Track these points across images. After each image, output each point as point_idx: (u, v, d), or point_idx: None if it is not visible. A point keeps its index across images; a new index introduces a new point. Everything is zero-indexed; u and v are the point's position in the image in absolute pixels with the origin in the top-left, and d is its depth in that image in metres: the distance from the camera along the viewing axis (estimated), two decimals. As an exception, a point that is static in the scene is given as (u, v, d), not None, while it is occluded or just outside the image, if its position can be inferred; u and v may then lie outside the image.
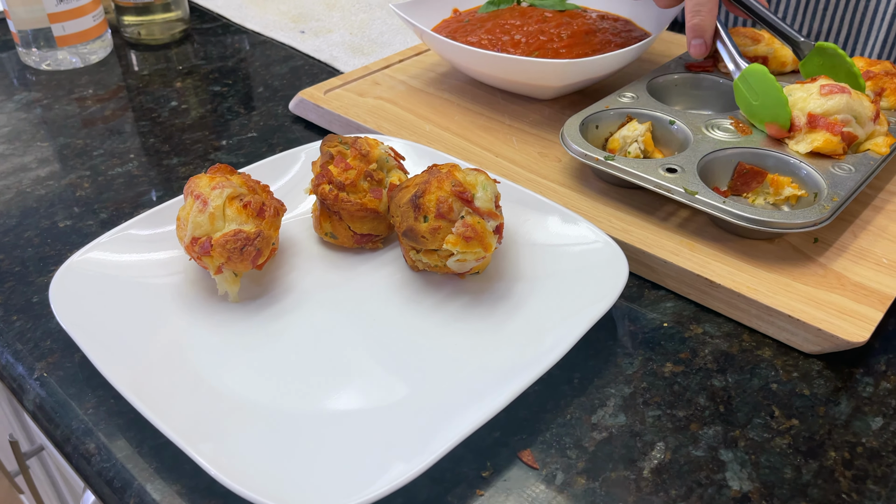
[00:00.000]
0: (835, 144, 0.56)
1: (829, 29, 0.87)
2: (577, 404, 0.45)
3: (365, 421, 0.43)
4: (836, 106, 0.56)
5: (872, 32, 0.85)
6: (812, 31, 0.89)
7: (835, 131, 0.56)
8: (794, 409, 0.45)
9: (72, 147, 0.71)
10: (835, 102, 0.56)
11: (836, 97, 0.57)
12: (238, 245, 0.48)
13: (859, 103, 0.57)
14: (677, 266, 0.52)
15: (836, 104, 0.56)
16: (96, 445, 0.43)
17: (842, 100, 0.57)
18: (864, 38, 0.86)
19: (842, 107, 0.56)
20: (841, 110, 0.56)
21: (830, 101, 0.56)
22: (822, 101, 0.57)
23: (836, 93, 0.57)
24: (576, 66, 0.65)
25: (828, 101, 0.56)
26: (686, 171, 0.55)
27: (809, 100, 0.58)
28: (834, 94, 0.57)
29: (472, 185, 0.51)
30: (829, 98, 0.57)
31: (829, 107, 0.56)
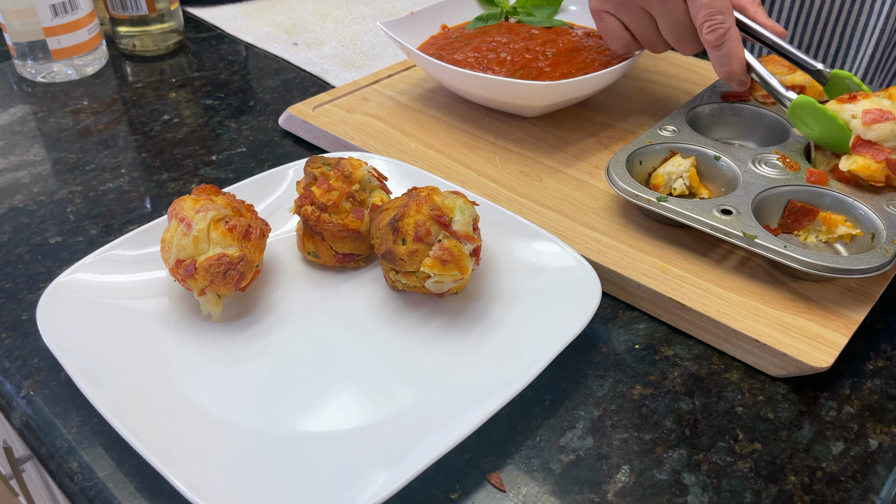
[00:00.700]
0: (873, 171, 0.55)
1: (820, 42, 0.88)
2: (546, 426, 0.46)
3: (342, 441, 0.44)
4: (883, 133, 0.55)
5: (862, 46, 0.86)
6: (802, 44, 0.90)
7: (878, 158, 0.55)
8: (758, 432, 0.46)
9: (65, 162, 0.73)
10: (881, 130, 0.55)
11: (880, 125, 0.55)
12: (221, 269, 0.49)
13: None
14: (650, 289, 0.53)
15: (883, 132, 0.55)
16: (79, 464, 0.44)
17: (886, 127, 0.55)
18: (854, 52, 0.87)
19: (887, 134, 0.55)
20: (886, 138, 0.55)
21: (875, 130, 0.55)
22: (865, 130, 0.56)
23: (880, 121, 0.55)
24: (557, 88, 0.66)
25: (872, 131, 0.55)
26: (742, 212, 0.54)
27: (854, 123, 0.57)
28: (878, 122, 0.55)
29: (451, 208, 0.52)
30: (874, 127, 0.55)
31: (875, 135, 0.55)
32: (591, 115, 0.76)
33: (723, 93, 0.70)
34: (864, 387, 0.49)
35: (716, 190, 0.62)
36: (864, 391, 0.49)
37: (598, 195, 0.63)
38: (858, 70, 0.87)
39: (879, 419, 0.47)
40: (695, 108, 0.68)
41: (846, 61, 0.88)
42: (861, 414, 0.47)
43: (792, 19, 0.89)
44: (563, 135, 0.72)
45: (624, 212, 0.61)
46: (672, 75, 0.83)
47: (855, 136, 0.56)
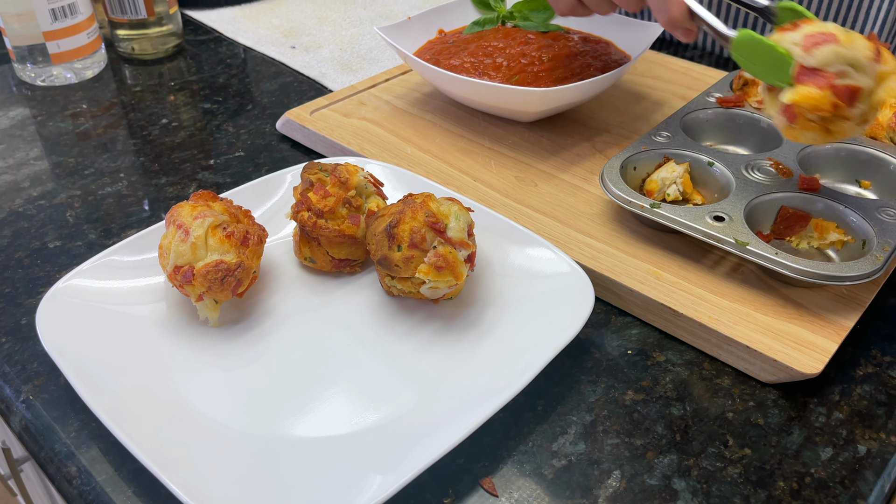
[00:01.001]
0: (817, 99, 0.49)
1: None
2: (539, 432, 0.47)
3: (336, 446, 0.45)
4: (826, 57, 0.49)
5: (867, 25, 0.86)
6: None
7: (821, 85, 0.49)
8: (748, 438, 0.47)
9: (64, 165, 0.73)
10: (824, 54, 0.49)
11: (821, 49, 0.49)
12: (219, 276, 0.50)
13: (851, 47, 0.49)
14: (643, 295, 0.54)
15: (826, 56, 0.49)
16: (78, 468, 0.45)
17: (828, 50, 0.49)
18: None
19: (830, 58, 0.49)
20: (830, 62, 0.49)
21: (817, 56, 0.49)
22: (806, 56, 0.50)
23: (821, 44, 0.49)
24: (552, 94, 0.66)
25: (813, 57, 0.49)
26: (734, 219, 0.55)
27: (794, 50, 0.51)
28: (819, 45, 0.49)
29: (446, 215, 0.53)
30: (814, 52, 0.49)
31: (818, 60, 0.49)
32: (587, 119, 0.76)
33: (718, 98, 0.71)
34: (853, 393, 0.50)
35: (709, 196, 0.63)
36: (853, 397, 0.49)
37: (592, 200, 0.64)
38: None
39: (868, 425, 0.47)
40: (689, 114, 0.69)
41: None
42: (850, 420, 0.48)
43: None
44: (559, 139, 0.73)
45: (618, 217, 0.62)
46: (667, 80, 0.84)
47: (797, 66, 0.50)
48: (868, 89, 0.49)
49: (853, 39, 0.49)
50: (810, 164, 0.64)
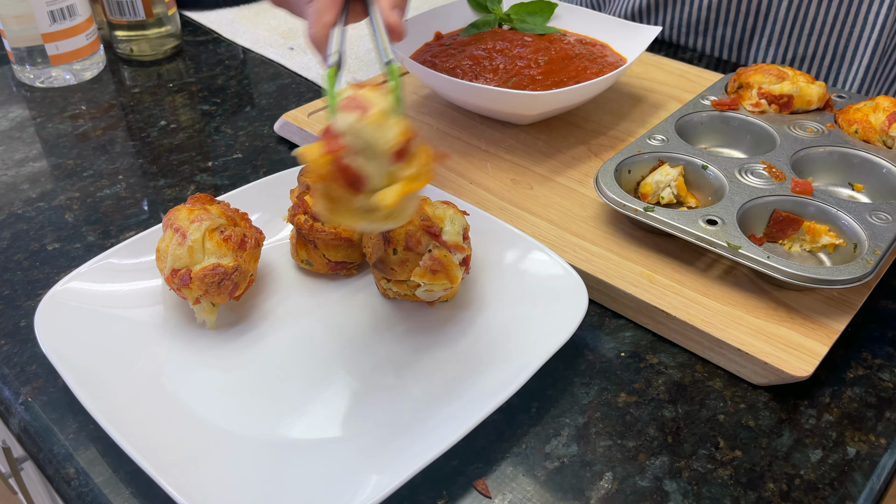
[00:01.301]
0: (315, 162, 0.41)
1: (814, 55, 0.89)
2: (532, 434, 0.48)
3: (332, 448, 0.45)
4: (342, 125, 0.41)
5: (856, 59, 0.87)
6: (796, 56, 0.90)
7: (327, 151, 0.41)
8: (739, 440, 0.47)
9: (63, 168, 0.74)
10: (342, 120, 0.41)
11: (345, 114, 0.41)
12: (216, 279, 0.50)
13: (376, 129, 0.41)
14: (636, 297, 0.54)
15: (343, 122, 0.41)
16: (76, 470, 0.45)
17: (349, 118, 0.41)
18: (849, 65, 0.88)
19: (347, 126, 0.41)
20: (346, 132, 0.41)
21: (339, 119, 0.42)
22: (338, 115, 0.42)
23: (350, 108, 0.41)
24: (547, 98, 0.67)
25: (338, 119, 0.42)
26: (727, 222, 0.55)
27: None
28: (348, 109, 0.42)
29: (441, 218, 0.53)
30: (341, 114, 0.42)
31: (338, 125, 0.42)
32: (583, 122, 0.77)
33: (712, 101, 0.71)
34: (843, 395, 0.50)
35: (703, 199, 0.63)
36: (843, 399, 0.50)
37: (587, 203, 0.64)
38: (854, 82, 0.88)
39: (858, 427, 0.48)
40: (684, 117, 0.69)
41: (840, 73, 0.89)
42: (840, 422, 0.48)
43: (786, 31, 0.89)
44: (555, 142, 0.73)
45: (612, 220, 0.62)
46: (663, 82, 0.84)
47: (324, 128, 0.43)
48: (373, 184, 0.42)
49: (387, 125, 0.41)
50: (804, 168, 0.64)
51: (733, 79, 0.74)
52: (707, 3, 0.92)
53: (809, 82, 0.70)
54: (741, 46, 0.94)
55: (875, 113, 0.66)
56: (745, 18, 0.92)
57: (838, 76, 0.89)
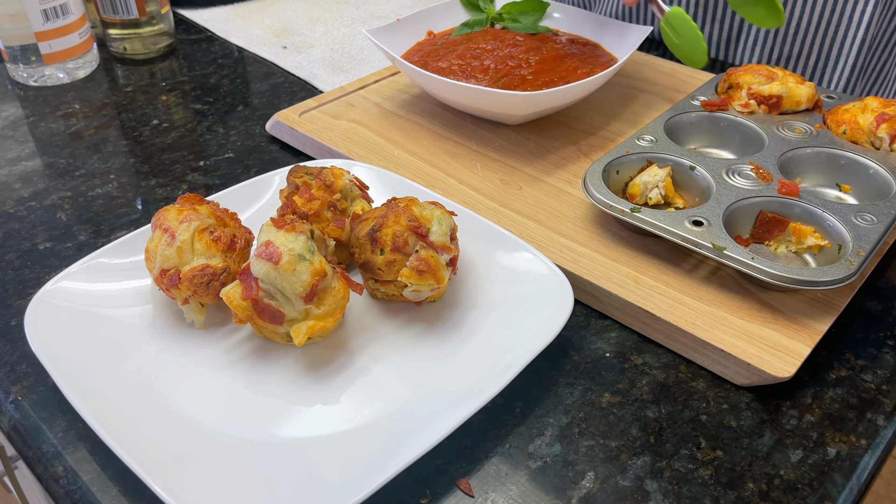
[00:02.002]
0: (237, 307, 0.49)
1: (800, 53, 0.90)
2: (516, 433, 0.48)
3: (317, 447, 0.46)
4: (258, 272, 0.48)
5: (842, 57, 0.87)
6: (782, 55, 0.91)
7: (247, 296, 0.48)
8: (720, 440, 0.48)
9: (55, 167, 0.74)
10: (258, 268, 0.48)
11: (259, 262, 0.48)
12: (205, 280, 0.51)
13: (286, 276, 0.48)
14: (621, 298, 0.55)
15: (258, 271, 0.48)
16: (64, 468, 0.46)
17: (264, 268, 0.48)
18: (834, 63, 0.88)
19: (263, 275, 0.48)
20: (263, 279, 0.48)
21: (255, 265, 0.49)
22: (253, 260, 0.49)
23: (262, 258, 0.48)
24: (536, 98, 0.67)
25: (254, 265, 0.49)
26: (712, 223, 0.55)
27: None
28: (260, 257, 0.48)
29: (428, 219, 0.54)
30: (255, 261, 0.49)
31: (254, 271, 0.49)
32: (573, 122, 0.77)
33: (702, 102, 0.72)
34: (825, 396, 0.51)
35: (691, 199, 0.63)
36: (825, 400, 0.50)
37: (575, 204, 0.65)
38: (840, 80, 0.88)
39: (839, 428, 0.48)
40: (673, 117, 0.70)
41: (825, 72, 0.89)
42: (821, 423, 0.49)
43: (772, 30, 0.90)
44: (545, 142, 0.73)
45: (599, 221, 0.62)
46: (654, 82, 0.84)
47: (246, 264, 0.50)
48: (291, 316, 0.50)
49: (298, 272, 0.48)
50: (791, 169, 0.65)
51: (724, 79, 0.75)
52: (694, 0, 0.93)
53: (799, 83, 0.71)
54: (728, 45, 0.94)
55: (863, 114, 0.66)
56: (732, 16, 0.92)
57: (824, 75, 0.90)
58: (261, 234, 0.51)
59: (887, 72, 0.88)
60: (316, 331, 0.50)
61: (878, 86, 0.89)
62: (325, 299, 0.50)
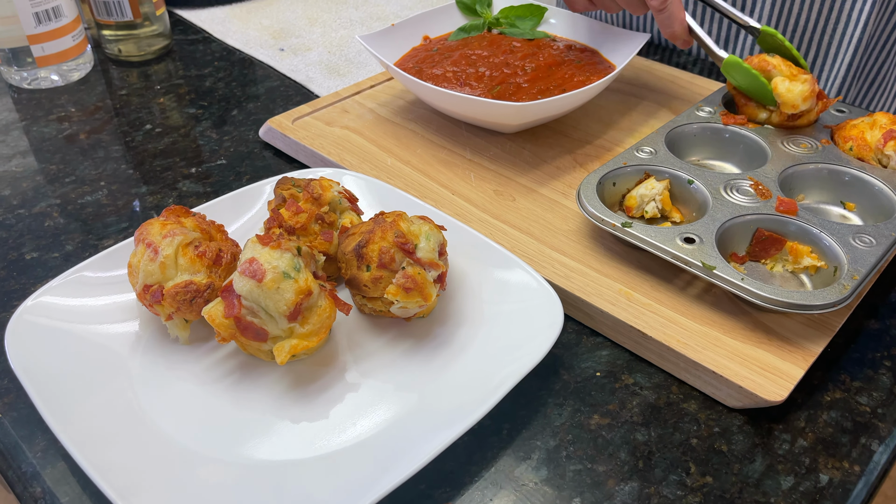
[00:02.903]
0: (219, 325, 0.48)
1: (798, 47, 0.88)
2: (502, 457, 0.47)
3: (300, 470, 0.45)
4: (241, 290, 0.47)
5: (839, 56, 0.85)
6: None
7: (229, 314, 0.48)
8: (710, 465, 0.47)
9: (46, 173, 0.73)
10: (241, 286, 0.47)
11: (242, 280, 0.47)
12: (188, 297, 0.50)
13: (269, 293, 0.47)
14: (613, 316, 0.54)
15: (242, 288, 0.47)
16: (42, 489, 0.45)
17: (248, 285, 0.47)
18: (832, 61, 0.86)
19: (247, 293, 0.47)
20: (247, 296, 0.48)
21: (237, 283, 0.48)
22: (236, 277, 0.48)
23: (246, 274, 0.47)
24: (530, 108, 0.66)
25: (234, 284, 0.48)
26: (704, 241, 0.54)
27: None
28: (243, 274, 0.47)
29: (416, 235, 0.53)
30: (237, 279, 0.48)
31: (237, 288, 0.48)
32: (570, 131, 0.76)
33: (722, 115, 0.70)
34: (819, 419, 0.50)
35: (688, 213, 0.62)
36: (819, 423, 0.49)
37: (569, 216, 0.64)
38: (836, 79, 0.87)
39: (832, 453, 0.47)
40: (676, 129, 0.68)
41: (823, 70, 0.88)
42: (814, 448, 0.48)
43: (773, 20, 0.88)
44: (540, 151, 0.72)
45: (593, 234, 0.61)
46: (653, 88, 0.83)
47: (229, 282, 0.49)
48: (275, 333, 0.49)
49: (282, 290, 0.47)
50: (794, 185, 0.63)
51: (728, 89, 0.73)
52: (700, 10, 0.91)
53: (793, 80, 0.66)
54: (727, 43, 0.93)
55: (871, 130, 0.65)
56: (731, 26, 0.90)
57: (821, 73, 0.88)
58: (245, 251, 0.50)
59: (885, 73, 0.87)
60: (299, 350, 0.49)
61: (876, 87, 0.87)
62: (309, 318, 0.49)
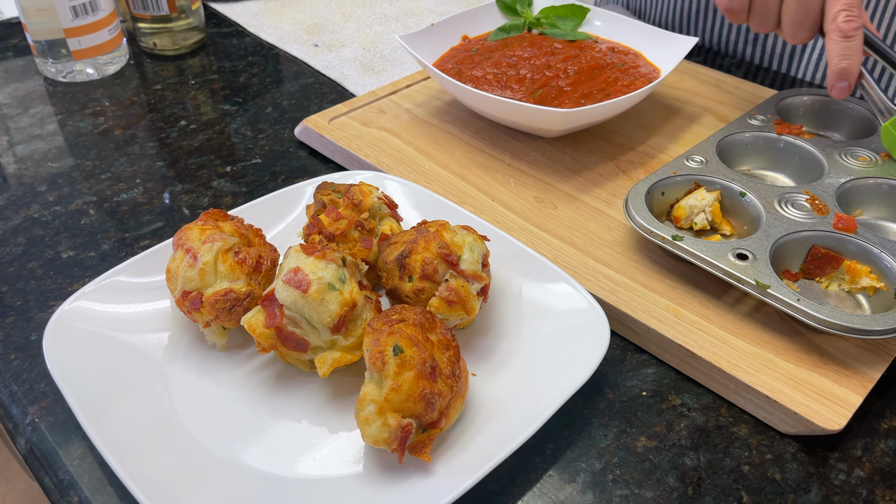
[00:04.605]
0: (259, 335, 0.47)
1: None
2: (546, 478, 0.46)
3: (340, 488, 0.44)
4: (285, 300, 0.47)
5: None
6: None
7: (270, 324, 0.47)
8: (764, 495, 0.45)
9: (81, 169, 0.73)
10: (285, 296, 0.47)
11: (288, 290, 0.46)
12: (227, 305, 0.49)
13: (314, 305, 0.46)
14: (660, 334, 0.52)
15: (286, 298, 0.47)
16: (79, 499, 0.45)
17: (292, 296, 0.46)
18: None
19: (290, 303, 0.47)
20: (290, 306, 0.47)
21: (281, 293, 0.47)
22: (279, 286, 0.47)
23: (291, 285, 0.46)
24: (574, 115, 0.64)
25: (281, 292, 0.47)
26: (758, 258, 0.52)
27: None
28: (289, 284, 0.46)
29: (459, 246, 0.52)
30: (283, 288, 0.47)
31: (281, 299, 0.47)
32: (612, 136, 0.74)
33: (775, 124, 0.67)
34: (876, 448, 0.48)
35: (739, 227, 0.60)
36: (876, 453, 0.47)
37: (613, 226, 0.62)
38: None
39: (890, 485, 0.45)
40: (727, 137, 0.66)
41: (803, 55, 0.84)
42: (871, 478, 0.46)
43: None
44: (581, 157, 0.71)
45: (639, 246, 0.60)
46: (698, 93, 0.81)
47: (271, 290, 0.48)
48: (316, 344, 0.48)
49: (327, 301, 0.46)
50: (852, 199, 0.61)
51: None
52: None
53: None
54: (791, 59, 0.89)
55: None
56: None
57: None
58: (288, 259, 0.49)
59: None
60: (342, 363, 0.48)
61: None
62: (353, 330, 0.48)
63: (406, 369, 0.43)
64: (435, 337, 0.46)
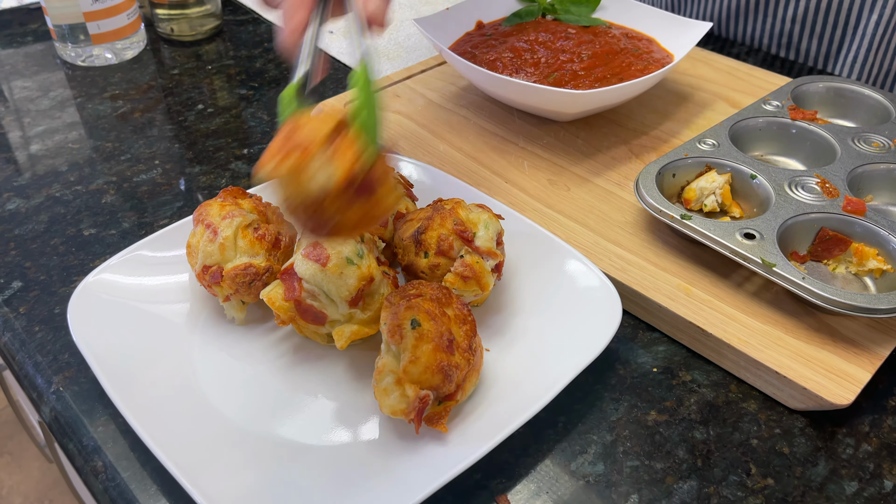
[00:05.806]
0: (279, 308, 0.48)
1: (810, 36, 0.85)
2: (558, 450, 0.47)
3: (357, 455, 0.45)
4: (304, 273, 0.47)
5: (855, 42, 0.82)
6: (881, 70, 0.85)
7: (289, 297, 0.48)
8: (772, 467, 0.46)
9: (101, 150, 0.74)
10: (304, 270, 0.48)
11: (307, 264, 0.47)
12: (247, 279, 0.50)
13: (334, 278, 0.47)
14: (671, 311, 0.53)
15: (305, 272, 0.48)
16: (104, 463, 0.46)
17: (311, 269, 0.48)
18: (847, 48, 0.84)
19: (309, 276, 0.48)
20: (309, 280, 0.48)
21: (299, 267, 0.48)
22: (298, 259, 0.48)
23: (311, 259, 0.48)
24: (588, 97, 0.65)
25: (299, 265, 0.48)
26: (765, 237, 0.53)
27: None
28: (308, 258, 0.48)
29: (475, 223, 0.52)
30: (303, 261, 0.48)
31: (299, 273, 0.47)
32: (625, 120, 0.74)
33: (790, 110, 0.68)
34: (884, 424, 0.48)
35: (748, 209, 0.61)
36: (883, 429, 0.48)
37: (625, 208, 0.63)
38: (855, 65, 0.83)
39: (897, 459, 0.46)
40: (740, 122, 0.67)
41: (839, 56, 0.84)
42: (878, 453, 0.47)
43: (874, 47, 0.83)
44: (594, 141, 0.71)
45: (650, 227, 0.60)
46: (711, 79, 0.81)
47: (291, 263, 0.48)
48: (334, 317, 0.48)
49: (345, 275, 0.47)
50: (863, 185, 0.61)
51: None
52: (792, 15, 0.87)
53: None
54: (827, 60, 0.89)
55: None
56: (833, 31, 0.86)
57: (836, 60, 0.85)
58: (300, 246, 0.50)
59: None
60: (359, 336, 0.49)
61: None
62: (371, 304, 0.49)
63: (424, 342, 0.44)
64: (451, 312, 0.47)
